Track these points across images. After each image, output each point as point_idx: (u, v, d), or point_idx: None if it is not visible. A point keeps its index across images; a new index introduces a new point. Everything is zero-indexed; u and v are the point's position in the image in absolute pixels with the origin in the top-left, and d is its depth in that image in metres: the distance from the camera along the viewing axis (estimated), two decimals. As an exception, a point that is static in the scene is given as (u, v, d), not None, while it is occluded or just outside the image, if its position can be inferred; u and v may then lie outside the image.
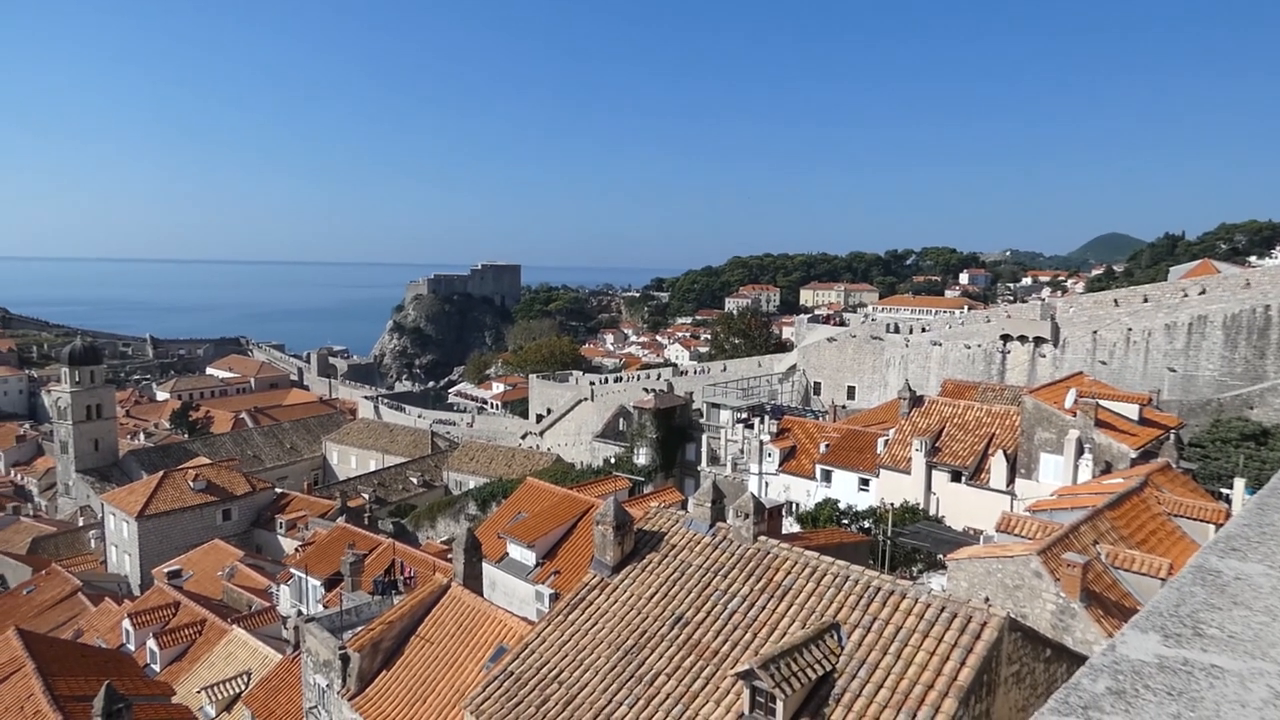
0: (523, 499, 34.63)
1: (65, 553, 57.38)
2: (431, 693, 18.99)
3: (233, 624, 31.79)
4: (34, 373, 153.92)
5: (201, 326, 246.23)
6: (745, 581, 14.34)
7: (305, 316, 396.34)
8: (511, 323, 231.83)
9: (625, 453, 57.27)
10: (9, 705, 21.85)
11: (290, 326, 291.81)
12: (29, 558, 54.03)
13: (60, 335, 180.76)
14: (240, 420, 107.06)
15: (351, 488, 66.38)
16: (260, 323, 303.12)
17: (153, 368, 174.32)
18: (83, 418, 77.25)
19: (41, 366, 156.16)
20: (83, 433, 77.22)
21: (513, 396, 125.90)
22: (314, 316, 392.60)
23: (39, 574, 47.43)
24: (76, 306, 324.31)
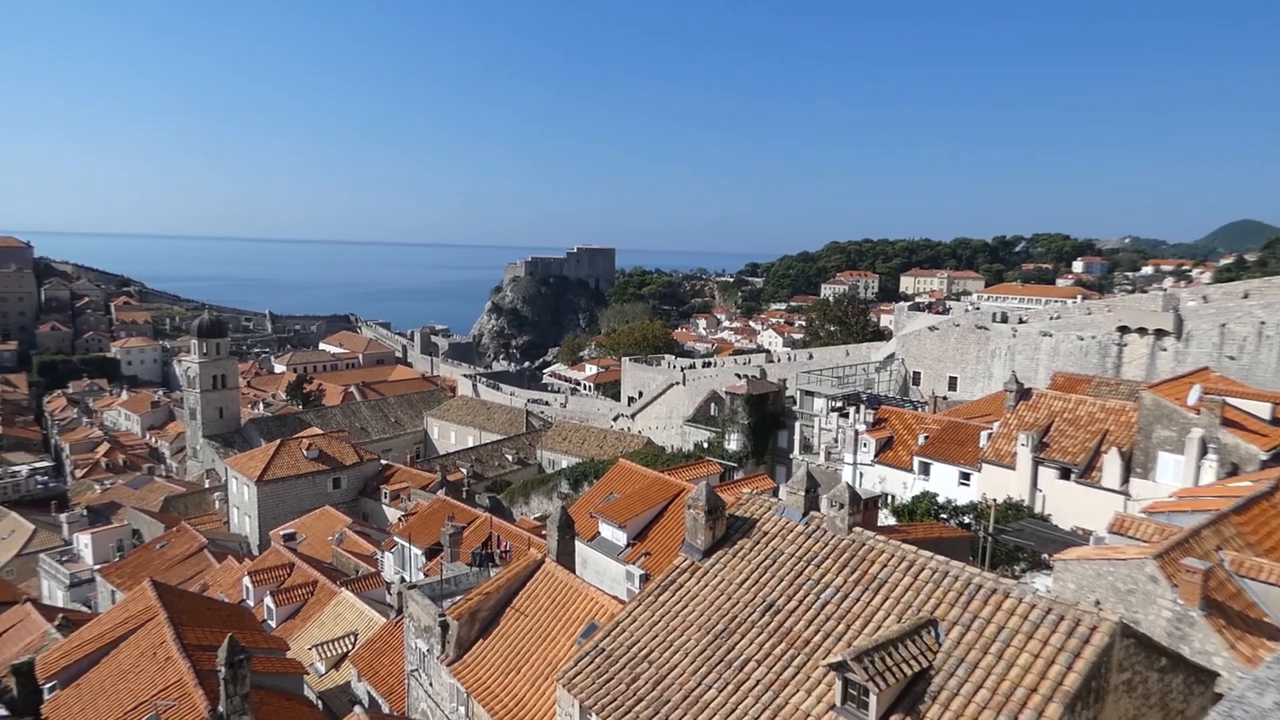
0: (615, 480, 35.11)
1: (193, 512, 61.82)
2: (525, 663, 19.60)
3: (341, 586, 33.63)
4: (167, 343, 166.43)
5: (316, 303, 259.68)
6: (839, 572, 14.13)
7: (410, 296, 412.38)
8: (605, 306, 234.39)
9: (716, 438, 57.15)
10: (144, 650, 23.83)
11: (396, 305, 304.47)
12: (162, 515, 58.57)
13: (190, 309, 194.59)
14: (349, 394, 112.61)
15: (451, 462, 68.86)
16: (369, 301, 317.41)
17: (271, 342, 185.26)
18: (209, 387, 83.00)
19: (174, 338, 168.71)
20: (209, 401, 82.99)
21: (605, 379, 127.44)
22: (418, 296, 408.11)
23: (170, 531, 51.33)
24: (205, 282, 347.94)
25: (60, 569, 49.56)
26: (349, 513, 52.03)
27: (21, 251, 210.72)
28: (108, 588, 43.23)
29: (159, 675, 21.85)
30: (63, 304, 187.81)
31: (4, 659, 31.69)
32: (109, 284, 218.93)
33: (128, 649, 24.03)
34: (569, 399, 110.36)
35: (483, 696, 19.21)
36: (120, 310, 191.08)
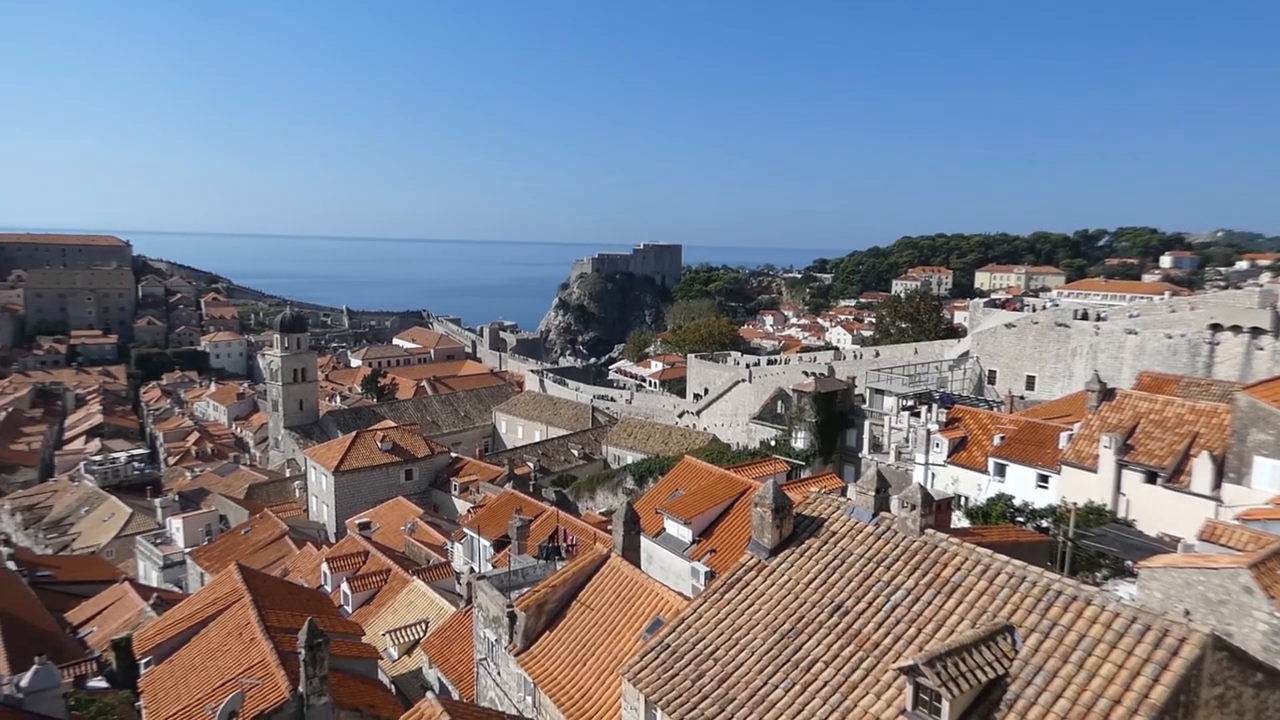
0: (680, 476, 35.12)
1: (275, 499, 64.50)
2: (591, 656, 19.81)
3: (413, 575, 34.56)
4: (252, 338, 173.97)
5: (390, 300, 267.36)
6: (910, 574, 13.82)
7: (480, 292, 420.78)
8: (671, 302, 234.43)
9: (783, 436, 56.57)
10: (230, 630, 24.99)
11: (467, 301, 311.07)
12: (246, 502, 61.31)
13: (273, 305, 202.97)
14: (421, 388, 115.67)
15: (518, 456, 70.01)
16: (441, 297, 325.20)
17: (348, 337, 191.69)
18: (291, 380, 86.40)
19: (257, 332, 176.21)
20: (290, 393, 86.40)
21: (670, 375, 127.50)
22: (488, 293, 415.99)
23: (254, 517, 53.68)
24: (287, 279, 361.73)
25: (155, 551, 52.40)
26: (420, 503, 53.42)
27: (121, 250, 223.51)
28: (197, 570, 45.51)
29: (244, 655, 22.87)
30: (158, 299, 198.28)
31: (105, 634, 33.76)
32: (199, 281, 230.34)
33: (216, 629, 25.23)
34: (634, 395, 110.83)
35: (549, 688, 19.51)
36: (209, 306, 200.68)
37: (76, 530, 65.27)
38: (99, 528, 64.05)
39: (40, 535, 64.86)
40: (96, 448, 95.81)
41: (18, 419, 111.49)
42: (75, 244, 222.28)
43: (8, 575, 41.16)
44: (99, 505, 67.93)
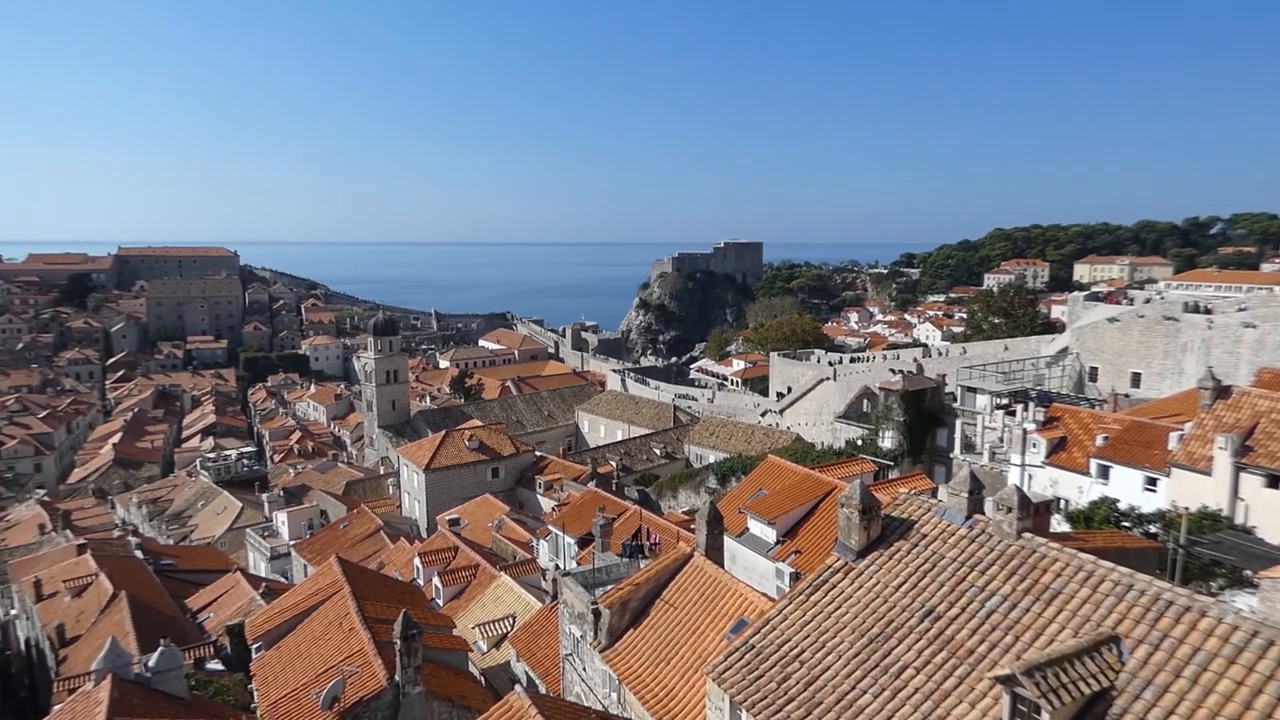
0: (763, 476, 34.79)
1: (370, 496, 67.15)
2: (675, 655, 19.88)
3: (500, 571, 35.39)
4: (348, 341, 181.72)
5: (476, 303, 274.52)
6: (1006, 580, 13.33)
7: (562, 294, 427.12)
8: (752, 300, 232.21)
9: (869, 435, 55.28)
10: (332, 620, 26.20)
11: (549, 303, 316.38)
12: (344, 498, 64.04)
13: (367, 310, 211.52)
14: (506, 388, 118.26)
15: (600, 455, 70.72)
16: (524, 299, 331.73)
17: (436, 339, 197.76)
18: (384, 381, 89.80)
19: (353, 336, 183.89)
20: (383, 394, 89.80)
21: (752, 374, 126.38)
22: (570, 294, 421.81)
23: (351, 512, 56.03)
24: (379, 285, 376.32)
25: (262, 543, 55.40)
26: (506, 501, 54.63)
27: (230, 260, 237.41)
28: (300, 561, 47.86)
29: (344, 643, 23.94)
30: (262, 306, 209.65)
31: (220, 620, 35.90)
32: (300, 287, 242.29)
33: (318, 618, 26.50)
34: (716, 394, 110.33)
35: (634, 685, 19.67)
36: (309, 311, 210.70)
37: (194, 522, 69.68)
38: (214, 520, 68.18)
39: (163, 527, 69.56)
40: (210, 446, 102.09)
41: (142, 419, 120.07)
42: (190, 255, 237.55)
43: (136, 563, 44.35)
44: (213, 499, 72.31)
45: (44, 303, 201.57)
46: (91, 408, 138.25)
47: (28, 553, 53.36)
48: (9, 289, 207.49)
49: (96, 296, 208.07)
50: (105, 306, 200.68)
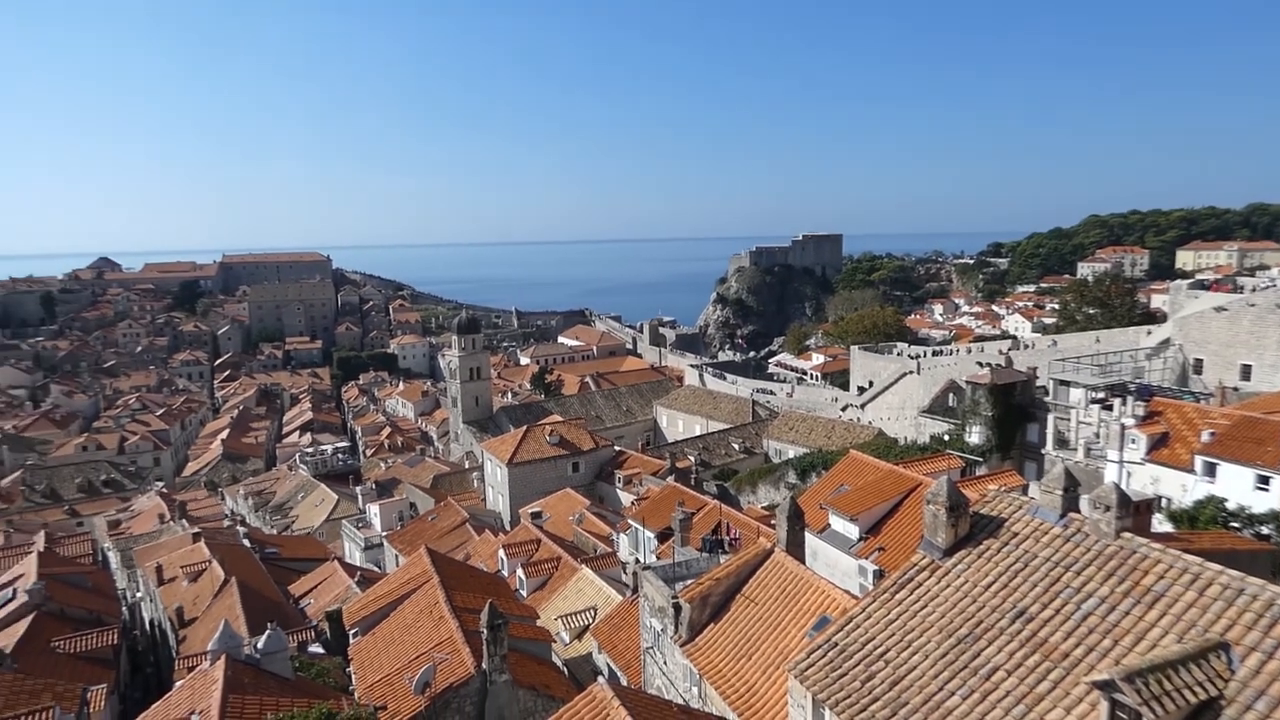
0: (845, 471, 34.26)
1: (456, 489, 69.17)
2: (756, 651, 19.86)
3: (582, 564, 36.00)
4: (433, 339, 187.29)
5: (555, 300, 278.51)
6: (1104, 581, 12.82)
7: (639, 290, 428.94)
8: (832, 293, 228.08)
9: (955, 430, 53.64)
10: (422, 608, 27.22)
11: (626, 299, 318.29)
12: (431, 491, 66.24)
13: (451, 309, 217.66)
14: (585, 384, 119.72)
15: (679, 450, 70.89)
16: (602, 296, 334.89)
17: (517, 336, 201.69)
18: (468, 378, 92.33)
19: (438, 335, 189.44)
20: (467, 390, 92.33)
21: (832, 368, 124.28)
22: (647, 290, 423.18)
23: (439, 505, 57.88)
24: (462, 284, 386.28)
25: (357, 534, 57.87)
26: (586, 495, 55.42)
27: (324, 264, 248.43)
28: (392, 551, 49.79)
29: (434, 631, 24.86)
30: (353, 307, 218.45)
31: (320, 606, 37.74)
32: (388, 289, 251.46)
33: (410, 606, 27.59)
34: (795, 388, 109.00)
35: (715, 680, 19.76)
36: (396, 311, 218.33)
37: (295, 513, 73.35)
38: (312, 512, 71.60)
39: (267, 517, 73.50)
40: (308, 441, 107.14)
41: (247, 416, 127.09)
42: (287, 261, 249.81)
43: (244, 551, 47.07)
44: (312, 492, 75.93)
45: (159, 308, 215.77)
46: (202, 406, 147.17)
47: (150, 540, 57.35)
48: (129, 296, 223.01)
49: (204, 302, 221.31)
50: (212, 311, 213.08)
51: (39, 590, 34.99)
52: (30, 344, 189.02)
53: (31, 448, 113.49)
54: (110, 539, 65.07)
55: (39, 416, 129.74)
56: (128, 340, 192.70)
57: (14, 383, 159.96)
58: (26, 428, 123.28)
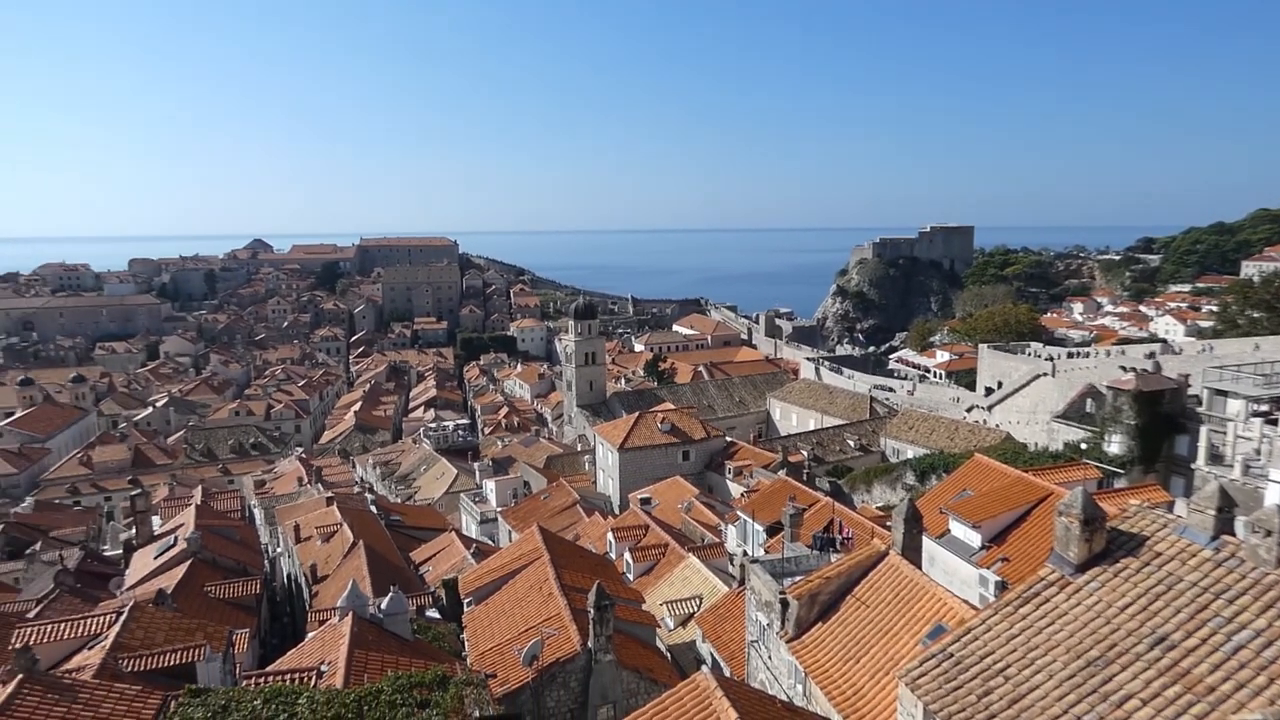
0: (968, 475, 32.73)
1: (568, 471, 70.83)
2: (865, 654, 19.33)
3: (689, 552, 36.11)
4: (550, 324, 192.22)
5: (671, 288, 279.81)
6: (1261, 613, 11.65)
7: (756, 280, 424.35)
8: (960, 288, 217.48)
9: (1093, 438, 50.13)
10: (532, 584, 28.09)
11: (743, 289, 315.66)
12: (545, 471, 68.14)
13: (568, 294, 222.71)
14: (698, 373, 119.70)
15: (792, 443, 69.71)
16: (718, 285, 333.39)
17: (632, 323, 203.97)
18: (583, 362, 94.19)
19: (555, 319, 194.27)
20: (582, 375, 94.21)
21: (958, 366, 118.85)
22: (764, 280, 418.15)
23: (551, 485, 59.50)
24: (580, 270, 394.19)
25: (474, 507, 60.37)
26: (696, 484, 55.43)
27: (451, 249, 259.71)
28: (505, 527, 51.66)
29: (543, 607, 25.60)
30: (477, 291, 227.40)
31: (437, 574, 39.64)
32: (509, 274, 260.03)
33: (521, 580, 28.53)
34: (916, 386, 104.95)
35: (821, 679, 19.38)
36: (517, 296, 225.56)
37: (418, 484, 77.36)
38: (433, 484, 75.27)
39: (392, 486, 77.88)
40: (432, 416, 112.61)
41: (378, 390, 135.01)
42: (417, 245, 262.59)
43: (371, 517, 50.07)
44: (433, 465, 79.81)
45: (303, 287, 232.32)
46: (338, 379, 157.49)
47: (289, 501, 62.03)
48: (278, 275, 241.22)
49: (343, 282, 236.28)
50: (350, 291, 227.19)
51: (196, 539, 38.46)
52: (194, 316, 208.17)
53: (193, 410, 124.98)
54: (256, 497, 70.82)
55: (200, 382, 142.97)
56: (276, 316, 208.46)
57: (181, 351, 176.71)
58: (189, 392, 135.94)
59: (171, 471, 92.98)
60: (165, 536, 42.87)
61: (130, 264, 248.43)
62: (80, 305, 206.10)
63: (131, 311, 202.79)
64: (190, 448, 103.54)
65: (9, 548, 56.44)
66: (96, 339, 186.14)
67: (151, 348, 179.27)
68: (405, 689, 16.58)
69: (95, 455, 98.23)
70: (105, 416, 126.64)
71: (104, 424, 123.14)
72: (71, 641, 26.85)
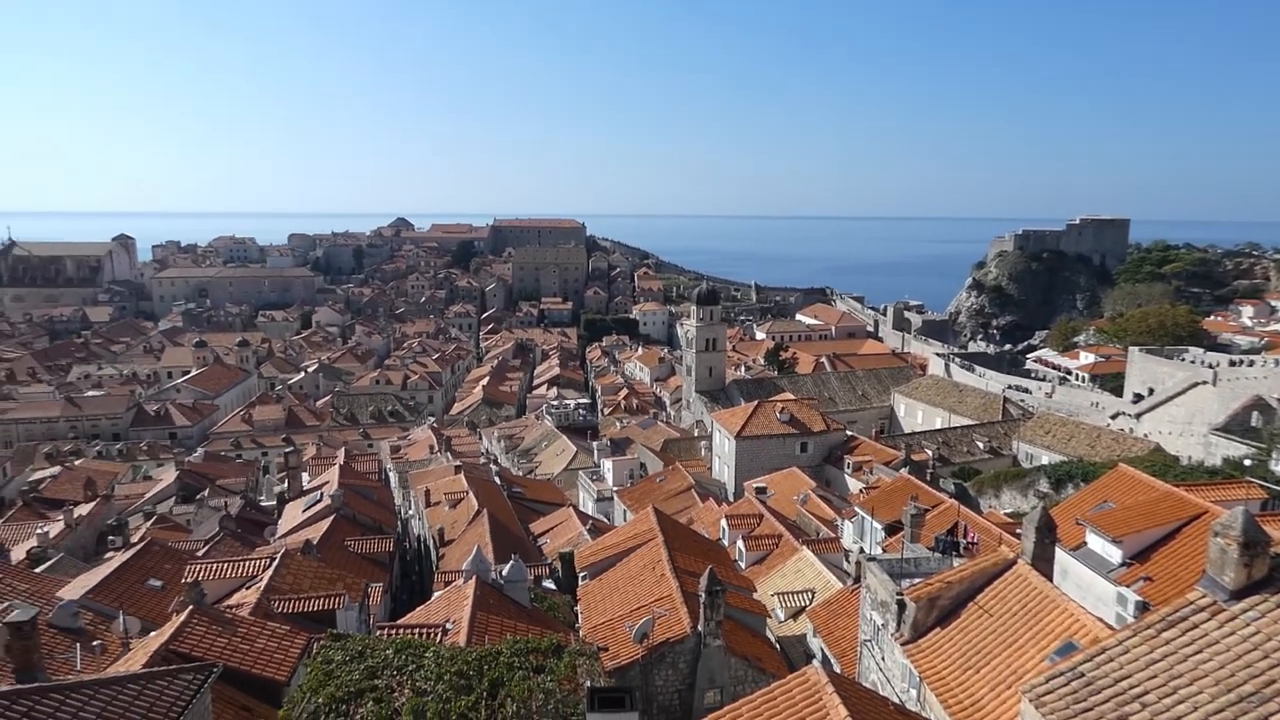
0: (1110, 486, 30.61)
1: (684, 455, 71.21)
2: (985, 665, 18.59)
3: (803, 544, 35.70)
4: (672, 308, 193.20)
5: (795, 276, 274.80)
6: None
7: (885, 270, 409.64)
8: (1111, 286, 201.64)
9: (1258, 455, 45.70)
10: (645, 563, 28.60)
11: (870, 279, 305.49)
12: (661, 454, 68.83)
13: (691, 279, 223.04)
14: (820, 364, 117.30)
15: (916, 441, 67.30)
16: (844, 275, 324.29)
17: (754, 310, 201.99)
18: (703, 348, 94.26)
19: (677, 304, 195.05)
20: (702, 360, 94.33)
21: (1104, 369, 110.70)
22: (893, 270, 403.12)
23: (667, 468, 60.07)
24: (704, 255, 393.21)
25: (591, 485, 61.92)
26: (813, 477, 54.53)
27: (578, 231, 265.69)
28: (621, 506, 52.71)
29: (655, 587, 26.06)
30: (602, 273, 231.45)
31: (555, 546, 41.07)
32: (634, 257, 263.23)
33: (635, 559, 29.14)
34: (1055, 388, 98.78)
35: (937, 686, 18.81)
36: (640, 279, 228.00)
37: (539, 459, 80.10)
38: (554, 460, 77.72)
39: (515, 459, 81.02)
40: (554, 394, 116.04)
41: (505, 366, 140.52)
42: (547, 227, 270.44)
43: (495, 488, 52.40)
44: (554, 442, 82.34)
45: (440, 264, 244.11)
46: (469, 354, 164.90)
47: (420, 467, 65.81)
48: (418, 252, 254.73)
49: (476, 260, 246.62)
50: (483, 269, 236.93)
51: (339, 496, 41.57)
52: (343, 289, 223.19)
53: (339, 377, 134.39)
54: (391, 461, 75.52)
55: (345, 351, 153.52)
56: (415, 291, 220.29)
57: (330, 321, 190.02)
58: (336, 359, 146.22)
59: (319, 432, 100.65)
60: (312, 492, 46.58)
61: (290, 239, 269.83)
62: (246, 276, 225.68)
63: (289, 283, 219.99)
64: (336, 412, 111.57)
65: (183, 492, 62.98)
66: (259, 307, 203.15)
67: (305, 317, 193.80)
68: (523, 653, 17.37)
69: (255, 414, 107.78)
70: (264, 379, 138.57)
71: (263, 385, 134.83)
72: (232, 580, 29.76)
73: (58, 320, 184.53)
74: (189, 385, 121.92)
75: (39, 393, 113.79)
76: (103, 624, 25.80)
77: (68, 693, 12.38)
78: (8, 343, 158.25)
